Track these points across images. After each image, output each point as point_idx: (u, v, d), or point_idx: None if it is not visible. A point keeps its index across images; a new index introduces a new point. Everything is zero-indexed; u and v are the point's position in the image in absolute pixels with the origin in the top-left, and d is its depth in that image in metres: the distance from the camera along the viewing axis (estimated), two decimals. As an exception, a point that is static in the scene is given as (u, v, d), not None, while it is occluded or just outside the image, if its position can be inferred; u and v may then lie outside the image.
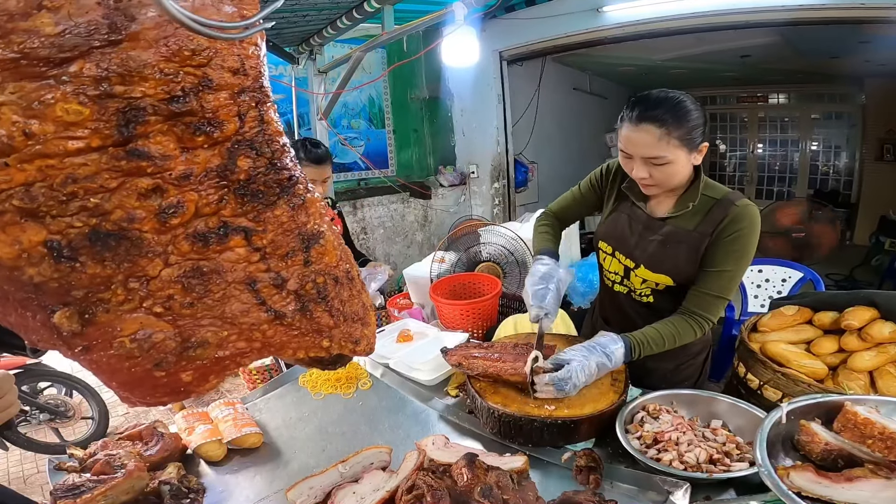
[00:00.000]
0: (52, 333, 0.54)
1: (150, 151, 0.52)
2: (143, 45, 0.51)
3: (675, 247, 1.44)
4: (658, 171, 1.35)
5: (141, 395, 0.61)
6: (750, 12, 3.46)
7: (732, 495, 1.05)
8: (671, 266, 1.45)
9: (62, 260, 0.50)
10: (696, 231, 1.41)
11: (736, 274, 1.38)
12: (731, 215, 1.36)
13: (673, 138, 1.29)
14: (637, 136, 1.32)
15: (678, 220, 1.45)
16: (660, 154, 1.31)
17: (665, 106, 1.29)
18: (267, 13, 0.53)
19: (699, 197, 1.41)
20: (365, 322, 0.80)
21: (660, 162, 1.32)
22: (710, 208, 1.40)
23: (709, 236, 1.39)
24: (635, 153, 1.35)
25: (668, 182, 1.38)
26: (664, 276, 1.47)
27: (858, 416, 0.90)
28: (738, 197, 1.41)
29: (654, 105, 1.30)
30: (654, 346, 1.38)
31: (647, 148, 1.32)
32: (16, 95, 0.46)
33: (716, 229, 1.38)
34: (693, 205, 1.41)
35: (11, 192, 0.47)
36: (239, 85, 0.59)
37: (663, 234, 1.46)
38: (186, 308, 0.57)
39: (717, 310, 1.40)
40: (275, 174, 0.62)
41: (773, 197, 8.10)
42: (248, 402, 1.65)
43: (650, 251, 1.48)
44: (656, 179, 1.37)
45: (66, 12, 0.48)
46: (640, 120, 1.30)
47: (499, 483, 1.02)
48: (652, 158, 1.32)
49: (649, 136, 1.29)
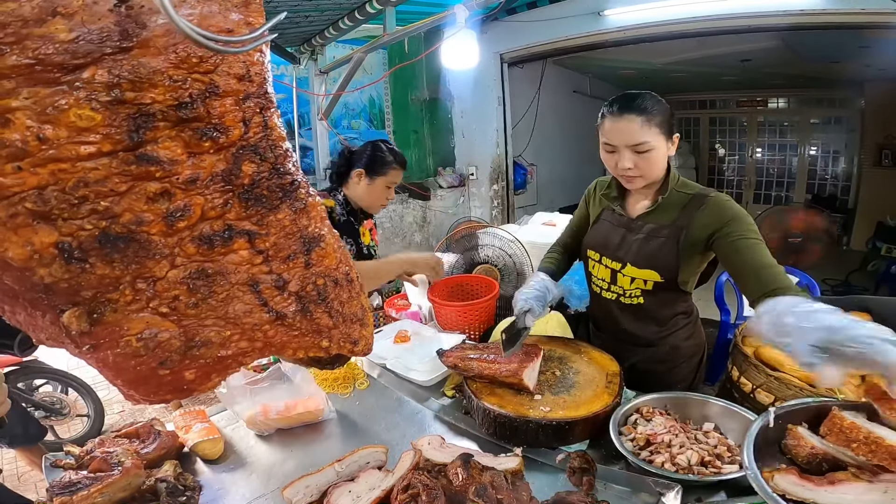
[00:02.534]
0: (60, 332, 0.55)
1: (158, 156, 0.53)
2: (152, 52, 0.53)
3: (656, 241, 1.50)
4: (642, 160, 1.41)
5: (145, 392, 0.62)
6: (751, 17, 3.47)
7: (723, 497, 1.06)
8: (655, 261, 1.50)
9: (73, 261, 0.51)
10: (674, 225, 1.47)
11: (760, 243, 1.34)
12: (707, 205, 1.43)
13: (654, 125, 1.38)
14: (621, 126, 1.39)
15: (655, 215, 1.52)
16: (644, 139, 1.38)
17: (642, 97, 1.40)
18: (272, 25, 0.55)
19: (670, 191, 1.49)
20: (363, 323, 0.82)
21: (644, 148, 1.39)
22: (685, 203, 1.47)
23: (686, 228, 1.45)
24: (620, 142, 1.41)
25: (651, 171, 1.44)
26: (650, 271, 1.50)
27: (844, 421, 0.91)
28: (711, 191, 1.48)
29: (632, 98, 1.40)
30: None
31: (631, 135, 1.39)
32: (30, 101, 0.47)
33: (691, 221, 1.44)
34: (663, 198, 1.49)
35: (24, 195, 0.48)
36: (244, 91, 0.60)
37: (644, 231, 1.52)
38: (191, 308, 0.59)
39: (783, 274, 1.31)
40: (278, 179, 0.64)
41: (772, 202, 8.13)
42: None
43: (634, 250, 1.53)
44: (640, 169, 1.43)
45: (80, 19, 0.50)
46: (622, 111, 1.39)
47: (493, 483, 1.03)
48: (636, 145, 1.39)
49: (632, 123, 1.38)
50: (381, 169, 2.09)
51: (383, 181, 2.11)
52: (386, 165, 2.09)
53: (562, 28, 4.33)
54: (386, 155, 2.10)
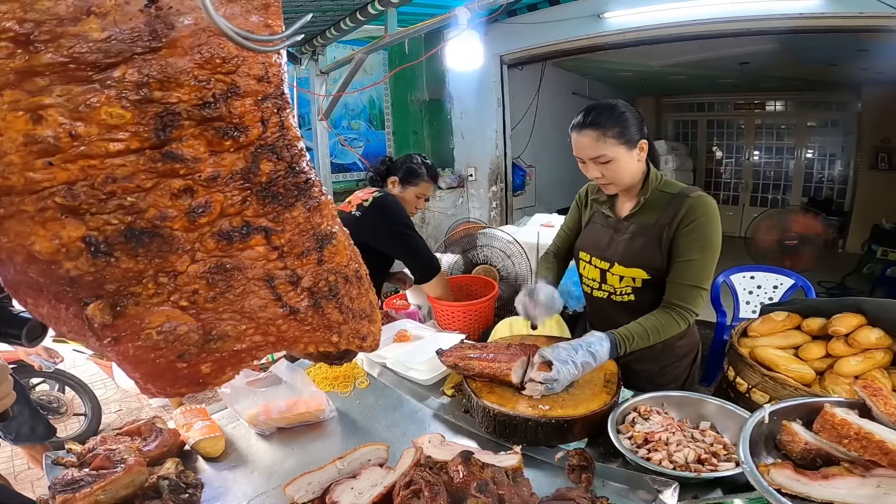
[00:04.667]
0: (83, 325, 0.57)
1: (183, 154, 0.55)
2: (179, 52, 0.55)
3: (641, 240, 1.56)
4: (606, 169, 1.51)
5: (162, 385, 0.64)
6: (750, 20, 3.50)
7: (719, 494, 1.08)
8: (641, 259, 1.56)
9: (98, 255, 0.53)
10: (657, 224, 1.54)
11: (704, 263, 1.48)
12: (685, 206, 1.50)
13: (609, 137, 1.46)
14: (581, 140, 1.51)
15: (640, 216, 1.59)
16: (600, 152, 1.48)
17: (599, 111, 1.49)
18: (300, 25, 0.56)
19: (651, 191, 1.56)
20: (371, 319, 0.83)
21: (603, 160, 1.49)
22: (668, 203, 1.54)
23: (667, 226, 1.51)
24: (583, 156, 1.53)
25: (619, 178, 1.53)
26: (637, 269, 1.57)
27: (836, 418, 0.94)
28: (693, 190, 1.55)
29: (590, 113, 1.50)
30: (639, 341, 1.47)
31: (588, 149, 1.50)
32: (63, 98, 0.49)
33: (673, 220, 1.50)
34: (645, 199, 1.57)
35: (54, 189, 0.50)
36: (263, 91, 0.62)
37: (630, 231, 1.60)
38: (210, 302, 0.61)
39: (694, 299, 1.49)
40: (293, 177, 0.66)
41: (768, 204, 8.17)
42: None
43: (621, 249, 1.60)
44: (608, 177, 1.53)
45: (113, 18, 0.51)
46: (581, 127, 1.50)
47: (495, 479, 1.04)
48: (596, 158, 1.49)
49: (588, 138, 1.48)
50: (413, 179, 2.25)
51: (414, 191, 2.26)
52: (418, 177, 2.25)
53: (562, 30, 4.35)
54: (419, 167, 2.26)
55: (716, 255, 1.50)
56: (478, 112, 5.39)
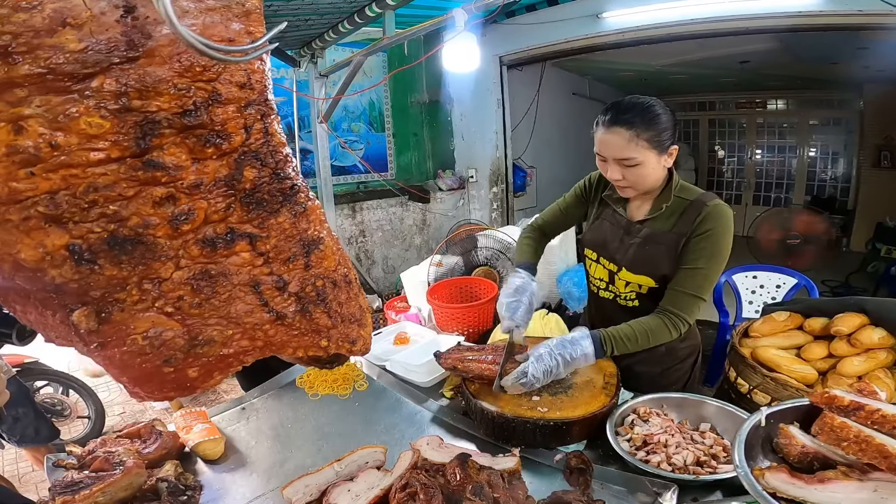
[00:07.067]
0: (69, 331, 0.57)
1: (164, 162, 0.55)
2: (158, 62, 0.55)
3: (654, 248, 1.49)
4: (630, 173, 1.41)
5: (149, 389, 0.64)
6: (749, 19, 3.48)
7: (719, 497, 1.07)
8: (651, 267, 1.50)
9: (82, 262, 0.53)
10: (673, 232, 1.46)
11: (709, 273, 1.42)
12: (703, 214, 1.42)
13: (642, 140, 1.36)
14: (609, 139, 1.39)
15: (655, 222, 1.50)
16: (630, 155, 1.37)
17: (635, 110, 1.37)
18: (272, 35, 0.56)
19: (672, 199, 1.47)
20: (361, 323, 0.83)
21: (630, 163, 1.39)
22: (684, 209, 1.46)
23: (685, 236, 1.44)
24: (608, 155, 1.42)
25: (640, 183, 1.44)
26: (645, 277, 1.51)
27: (835, 420, 0.92)
28: (711, 198, 1.46)
29: (624, 110, 1.38)
30: (626, 342, 1.42)
31: (618, 150, 1.39)
32: (42, 109, 0.49)
33: (690, 229, 1.43)
34: (666, 206, 1.47)
35: (37, 199, 0.50)
36: (245, 98, 0.62)
37: (642, 236, 1.51)
38: (195, 308, 0.61)
39: (691, 308, 1.43)
40: (278, 183, 0.66)
41: (771, 203, 8.12)
42: (246, 402, 1.67)
43: (631, 254, 1.53)
44: (629, 181, 1.43)
45: (89, 29, 0.52)
46: (612, 123, 1.38)
47: (490, 482, 1.04)
48: (623, 160, 1.39)
49: (620, 138, 1.37)
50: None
51: None
52: None
53: (561, 31, 4.34)
54: None
55: (722, 265, 1.43)
56: (478, 113, 5.39)
